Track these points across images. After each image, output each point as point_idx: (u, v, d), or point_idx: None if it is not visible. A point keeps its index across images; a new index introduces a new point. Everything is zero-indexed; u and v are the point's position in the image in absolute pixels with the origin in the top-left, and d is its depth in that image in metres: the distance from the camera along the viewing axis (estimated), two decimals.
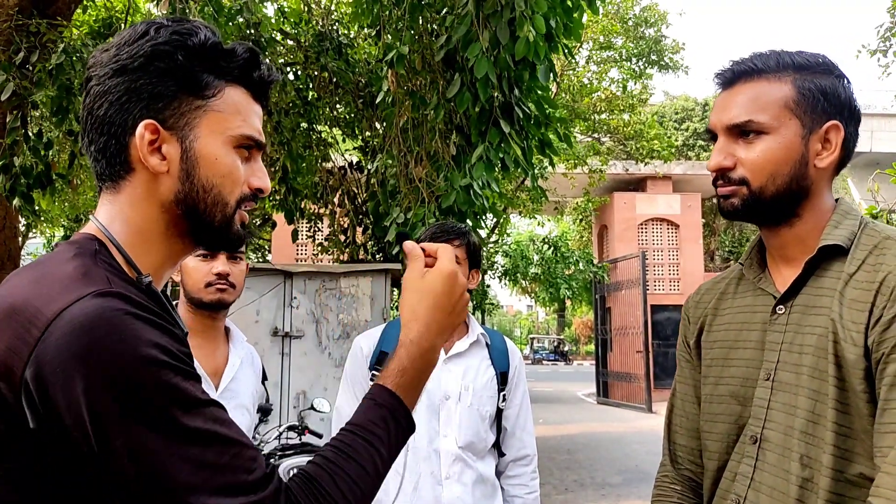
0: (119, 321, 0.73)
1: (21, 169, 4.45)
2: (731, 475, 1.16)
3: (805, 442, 1.04)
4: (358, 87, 6.69)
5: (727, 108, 1.14)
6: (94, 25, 6.34)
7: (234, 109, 0.89)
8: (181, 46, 0.86)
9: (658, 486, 1.34)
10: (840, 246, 1.09)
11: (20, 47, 4.52)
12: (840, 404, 1.01)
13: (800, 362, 1.08)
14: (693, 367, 1.31)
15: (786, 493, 1.05)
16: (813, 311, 1.09)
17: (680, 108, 25.84)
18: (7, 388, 0.72)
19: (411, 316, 0.97)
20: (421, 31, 4.57)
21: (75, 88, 4.41)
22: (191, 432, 0.73)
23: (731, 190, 1.13)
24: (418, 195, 4.55)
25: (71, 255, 0.81)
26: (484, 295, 17.79)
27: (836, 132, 1.11)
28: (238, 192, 0.90)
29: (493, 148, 4.12)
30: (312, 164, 7.05)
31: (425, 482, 1.93)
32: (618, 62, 15.94)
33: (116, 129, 0.86)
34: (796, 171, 1.10)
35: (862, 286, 1.04)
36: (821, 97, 1.10)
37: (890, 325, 0.97)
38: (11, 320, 0.74)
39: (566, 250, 18.87)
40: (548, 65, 4.03)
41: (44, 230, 16.56)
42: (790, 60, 1.12)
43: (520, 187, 12.47)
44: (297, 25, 6.96)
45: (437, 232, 2.06)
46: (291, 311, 6.15)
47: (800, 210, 1.13)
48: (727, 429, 1.18)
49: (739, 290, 1.25)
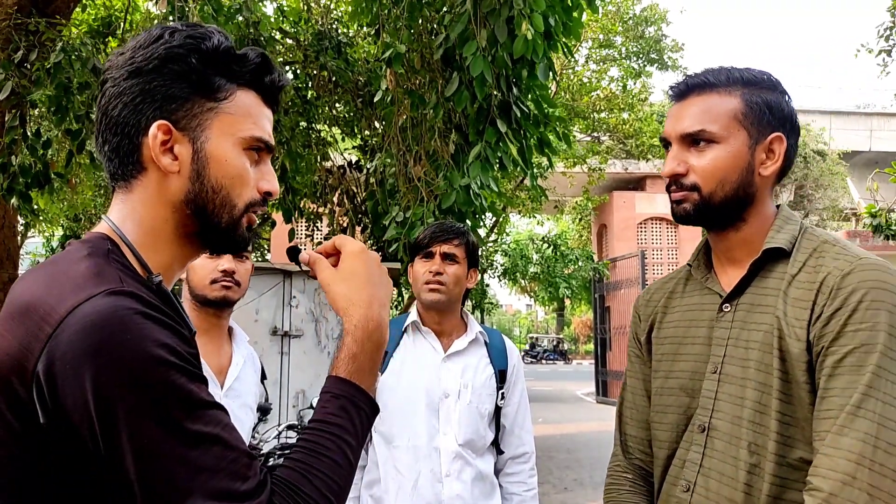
0: (129, 320, 0.74)
1: (19, 168, 4.45)
2: (680, 462, 1.24)
3: (753, 430, 1.13)
4: (357, 87, 6.68)
5: (681, 119, 1.23)
6: (94, 24, 6.33)
7: (244, 112, 0.91)
8: (195, 50, 0.88)
9: (610, 474, 1.41)
10: (782, 249, 1.19)
11: (19, 46, 4.52)
12: (783, 395, 1.11)
13: (746, 357, 1.17)
14: (643, 362, 1.40)
15: (734, 478, 1.13)
16: (758, 309, 1.18)
17: None
18: (20, 383, 0.74)
19: (346, 303, 0.94)
20: (420, 30, 4.57)
21: (74, 87, 4.40)
22: (193, 435, 0.74)
23: (684, 195, 1.22)
24: (417, 194, 4.55)
25: (84, 254, 0.83)
26: (483, 294, 17.79)
27: (779, 143, 1.21)
28: (247, 195, 0.92)
29: (491, 147, 4.11)
30: (311, 163, 7.05)
31: (425, 480, 1.93)
32: (617, 60, 15.93)
33: (130, 129, 0.88)
34: (743, 179, 1.20)
35: (804, 286, 1.14)
36: (766, 110, 1.20)
37: (829, 321, 1.07)
38: (26, 317, 0.76)
39: (566, 249, 18.88)
40: (547, 63, 4.02)
41: (42, 229, 16.55)
42: (739, 76, 1.22)
43: (519, 186, 12.46)
44: (297, 24, 6.95)
45: (437, 232, 2.06)
46: (291, 310, 6.15)
47: (745, 215, 1.22)
48: (676, 419, 1.26)
49: (687, 289, 1.35)
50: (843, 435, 1.01)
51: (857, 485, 0.98)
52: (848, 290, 1.08)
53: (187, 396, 0.75)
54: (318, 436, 0.85)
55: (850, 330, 1.06)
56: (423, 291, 2.03)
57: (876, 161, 24.66)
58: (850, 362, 1.04)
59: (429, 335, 2.08)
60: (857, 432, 1.00)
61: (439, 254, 2.03)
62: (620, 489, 1.37)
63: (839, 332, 1.06)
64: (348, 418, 0.88)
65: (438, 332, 2.09)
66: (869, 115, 29.62)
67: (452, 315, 2.11)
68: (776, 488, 1.09)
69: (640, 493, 1.35)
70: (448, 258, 2.04)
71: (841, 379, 1.04)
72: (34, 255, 19.79)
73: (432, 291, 2.02)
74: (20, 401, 0.74)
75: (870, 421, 1.00)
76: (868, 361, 1.03)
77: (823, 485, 1.00)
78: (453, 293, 2.05)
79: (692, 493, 1.19)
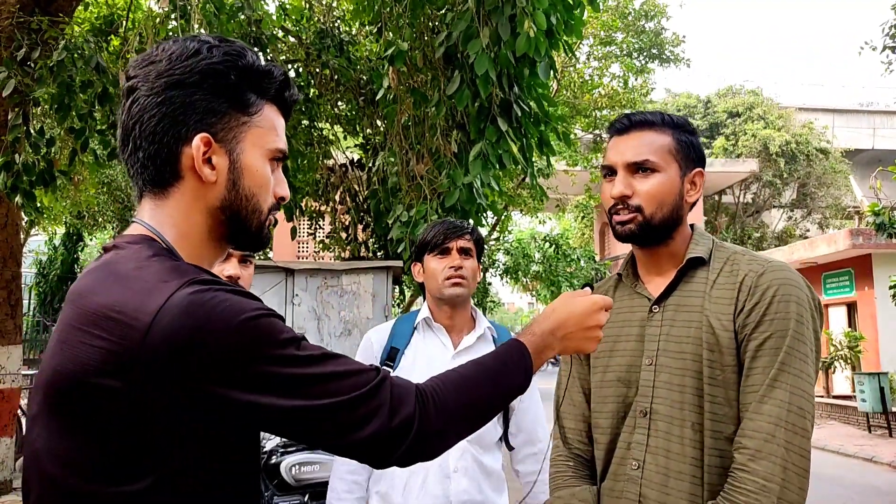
0: (219, 297, 0.84)
1: (23, 166, 4.45)
2: (625, 444, 1.42)
3: (693, 412, 1.33)
4: (359, 85, 6.68)
5: (627, 150, 1.42)
6: (96, 23, 6.34)
7: (270, 125, 1.00)
8: (233, 67, 0.96)
9: (554, 464, 1.58)
10: (702, 258, 1.42)
11: (22, 44, 4.53)
12: (712, 380, 1.32)
13: (681, 349, 1.37)
14: (579, 362, 1.58)
15: (681, 454, 1.33)
16: (684, 309, 1.39)
17: (682, 105, 25.78)
18: (113, 379, 0.81)
19: (545, 315, 1.15)
20: (422, 28, 4.57)
21: (76, 85, 4.41)
22: (310, 358, 0.88)
23: (630, 217, 1.41)
24: (420, 192, 4.55)
25: (150, 254, 0.90)
26: (485, 292, 17.79)
27: (700, 177, 1.46)
28: (270, 201, 1.01)
29: (492, 146, 4.11)
30: (313, 161, 7.05)
31: (433, 476, 1.93)
32: (619, 57, 15.90)
33: (169, 139, 0.93)
34: (676, 203, 1.42)
35: (725, 287, 1.37)
36: (691, 149, 1.44)
37: (750, 313, 1.31)
38: (106, 322, 0.82)
39: (567, 248, 18.86)
40: (548, 61, 4.02)
41: (46, 227, 16.58)
42: (669, 119, 1.45)
43: (520, 185, 12.45)
44: (299, 23, 6.95)
45: (451, 228, 2.09)
46: (293, 308, 6.16)
47: (673, 234, 1.45)
48: (616, 408, 1.45)
49: (617, 295, 1.55)
50: (764, 402, 1.25)
51: (776, 441, 1.22)
52: (763, 287, 1.32)
53: (289, 334, 0.88)
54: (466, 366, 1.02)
55: (767, 319, 1.29)
56: (446, 287, 2.04)
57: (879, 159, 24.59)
58: (769, 345, 1.28)
59: (440, 331, 2.09)
60: (775, 400, 1.25)
61: (456, 249, 2.06)
62: (564, 475, 1.54)
63: (759, 321, 1.30)
64: (502, 360, 1.03)
65: (449, 327, 2.10)
66: (872, 112, 29.50)
67: (464, 310, 2.12)
68: (716, 459, 1.30)
69: (583, 476, 1.53)
70: (464, 252, 2.07)
71: (762, 359, 1.28)
72: (37, 252, 19.82)
73: (455, 286, 2.03)
74: (113, 394, 0.81)
75: (783, 391, 1.25)
76: (782, 344, 1.27)
77: (749, 443, 1.24)
78: (472, 287, 2.09)
79: (643, 469, 1.37)
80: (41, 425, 0.87)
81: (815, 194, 23.56)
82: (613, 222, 1.45)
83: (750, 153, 22.71)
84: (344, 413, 0.87)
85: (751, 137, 22.97)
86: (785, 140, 22.52)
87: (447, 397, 0.96)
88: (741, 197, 23.74)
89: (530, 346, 1.08)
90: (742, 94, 25.49)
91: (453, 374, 1.01)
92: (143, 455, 0.83)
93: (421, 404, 0.93)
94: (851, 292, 14.72)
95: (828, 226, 23.70)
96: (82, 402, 0.82)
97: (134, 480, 0.82)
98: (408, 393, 0.93)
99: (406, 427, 0.91)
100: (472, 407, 0.99)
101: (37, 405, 0.88)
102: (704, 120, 25.05)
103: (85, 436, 0.83)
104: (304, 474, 3.82)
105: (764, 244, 22.44)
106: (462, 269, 2.04)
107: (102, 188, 13.73)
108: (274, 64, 1.02)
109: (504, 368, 1.03)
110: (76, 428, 0.83)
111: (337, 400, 0.87)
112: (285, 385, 0.85)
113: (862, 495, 7.39)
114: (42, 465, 0.86)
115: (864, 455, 9.70)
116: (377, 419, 0.89)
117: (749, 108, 24.34)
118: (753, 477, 1.22)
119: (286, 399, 0.85)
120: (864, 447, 10.25)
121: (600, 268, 17.88)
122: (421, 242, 2.13)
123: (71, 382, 0.83)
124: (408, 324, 2.13)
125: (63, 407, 0.84)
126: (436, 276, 2.06)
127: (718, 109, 24.93)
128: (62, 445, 0.84)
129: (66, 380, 0.83)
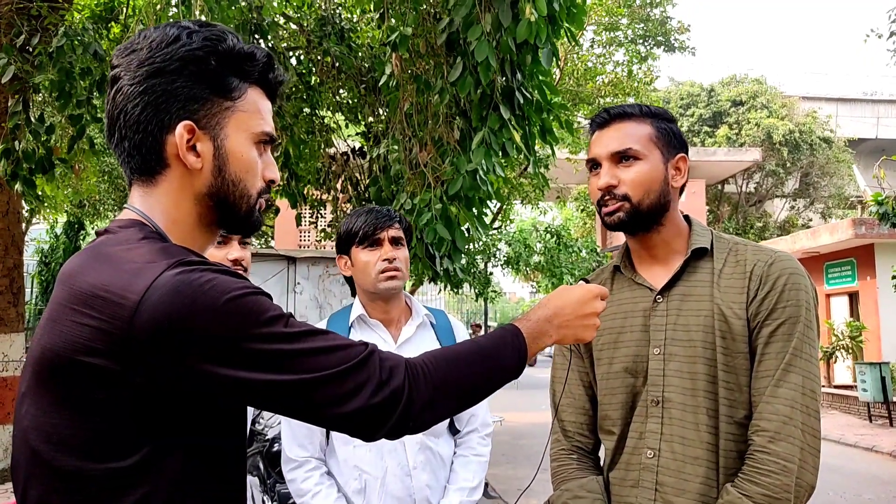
0: (205, 277, 0.84)
1: (23, 153, 4.43)
2: (636, 434, 1.43)
3: (708, 398, 1.36)
4: (361, 73, 6.64)
5: (609, 141, 1.46)
6: (96, 10, 6.30)
7: (254, 109, 0.99)
8: (213, 52, 0.95)
9: (556, 458, 1.58)
10: (705, 248, 1.46)
11: (21, 30, 4.49)
12: (726, 366, 1.36)
13: (690, 338, 1.39)
14: (577, 355, 1.60)
15: (697, 440, 1.36)
16: (691, 299, 1.42)
17: (685, 94, 25.65)
18: (101, 358, 0.82)
19: (541, 304, 1.15)
20: (424, 15, 4.53)
21: (76, 72, 4.38)
22: (296, 334, 0.88)
23: (618, 206, 1.44)
24: (423, 180, 4.53)
25: (140, 237, 0.90)
26: (487, 282, 17.78)
27: (683, 162, 1.49)
28: (258, 185, 1.01)
29: (494, 133, 4.08)
30: (315, 149, 7.02)
31: (393, 475, 1.86)
32: (623, 44, 15.79)
33: (153, 127, 0.93)
34: (662, 189, 1.45)
35: (734, 276, 1.41)
36: (672, 136, 1.48)
37: (763, 301, 1.36)
38: (95, 302, 0.83)
39: (569, 239, 18.83)
40: (550, 48, 3.98)
41: (47, 215, 16.57)
42: (648, 110, 1.50)
43: (522, 174, 12.41)
44: (300, 10, 6.90)
45: (379, 217, 1.96)
46: (295, 296, 6.16)
47: (663, 220, 1.47)
48: (625, 398, 1.46)
49: (616, 286, 1.56)
50: (780, 386, 1.30)
51: (793, 423, 1.28)
52: (775, 276, 1.37)
53: (276, 312, 0.88)
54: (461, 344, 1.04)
55: (780, 306, 1.35)
56: (381, 281, 1.92)
57: (882, 149, 24.49)
58: (781, 331, 1.33)
59: (377, 327, 1.98)
60: (790, 384, 1.30)
61: (388, 239, 1.94)
62: (569, 468, 1.55)
63: (772, 309, 1.35)
64: (497, 342, 1.05)
65: (386, 321, 1.99)
66: (876, 102, 29.37)
67: (399, 301, 2.01)
68: (731, 443, 1.34)
69: (588, 468, 1.54)
70: (396, 242, 1.95)
71: (775, 345, 1.33)
72: (38, 241, 19.83)
73: (391, 279, 1.92)
74: (101, 372, 0.82)
75: (798, 374, 1.30)
76: (794, 330, 1.33)
77: (768, 425, 1.29)
78: (405, 276, 1.97)
79: (658, 457, 1.39)
80: (30, 403, 0.88)
81: (818, 184, 23.49)
82: (603, 213, 1.48)
83: (753, 142, 22.62)
84: (333, 386, 0.88)
85: (754, 126, 22.86)
86: (788, 129, 22.42)
87: (438, 372, 0.96)
88: (744, 186, 23.67)
89: (526, 331, 1.08)
90: (746, 83, 25.34)
91: (446, 350, 1.01)
92: (131, 432, 0.84)
93: (411, 378, 0.93)
94: (854, 282, 14.69)
95: (830, 215, 23.65)
96: (71, 380, 0.84)
97: (122, 457, 0.84)
98: (397, 366, 0.93)
99: (395, 399, 0.91)
100: (462, 384, 0.99)
101: (26, 383, 0.89)
102: (708, 109, 24.92)
103: (73, 413, 0.84)
104: None
105: (766, 234, 22.39)
106: (396, 260, 1.92)
107: (103, 177, 13.71)
108: (256, 46, 1.01)
109: (498, 350, 1.04)
110: (65, 405, 0.84)
111: (325, 373, 0.88)
112: (273, 361, 0.85)
113: (862, 485, 7.41)
114: (30, 442, 0.86)
115: (865, 445, 9.72)
116: (365, 391, 0.89)
117: (752, 96, 24.21)
118: (774, 458, 1.27)
119: (274, 374, 0.85)
120: (865, 437, 10.27)
121: (602, 259, 17.86)
122: (346, 233, 1.98)
123: (60, 360, 0.84)
124: (342, 322, 2.01)
125: (52, 385, 0.85)
126: (367, 269, 1.93)
127: (722, 98, 24.80)
128: (51, 423, 0.85)
129: (56, 357, 0.84)
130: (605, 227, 1.51)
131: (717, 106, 24.82)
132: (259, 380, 0.85)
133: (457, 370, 0.98)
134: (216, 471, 0.92)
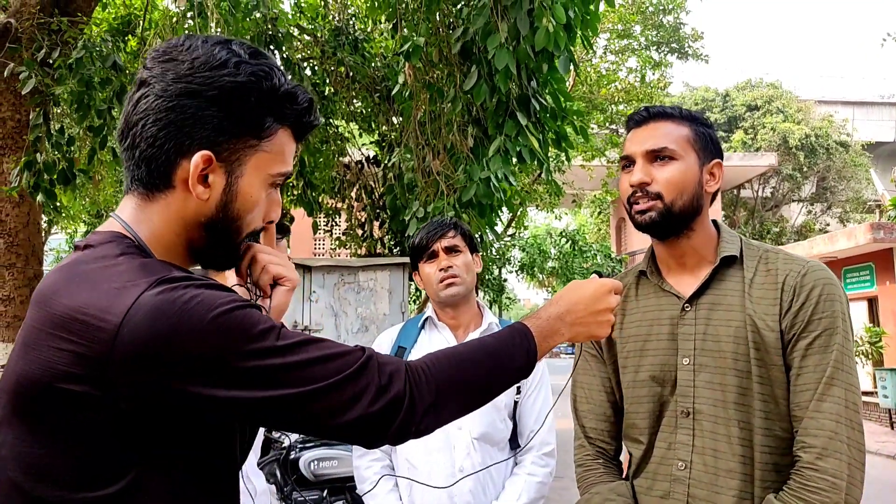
0: (190, 294, 0.80)
1: (44, 165, 4.50)
2: (665, 444, 1.40)
3: (740, 410, 1.33)
4: (374, 82, 6.68)
5: (646, 139, 1.43)
6: (114, 23, 6.39)
7: (279, 150, 0.95)
8: (257, 89, 0.90)
9: (582, 463, 1.57)
10: (734, 256, 1.42)
11: (42, 45, 4.57)
12: (761, 378, 1.33)
13: (720, 349, 1.36)
14: (599, 361, 1.57)
15: (729, 452, 1.33)
16: (721, 308, 1.39)
17: (700, 99, 25.53)
18: (81, 384, 0.78)
19: (552, 301, 1.11)
20: (437, 24, 4.55)
21: (95, 83, 4.45)
22: (290, 347, 0.84)
23: (650, 205, 1.40)
24: (437, 188, 4.55)
25: (118, 253, 0.86)
26: (501, 289, 17.76)
27: (718, 168, 1.46)
28: (255, 224, 0.97)
29: (511, 140, 4.10)
30: (329, 158, 7.07)
31: (439, 475, 1.92)
32: (636, 51, 15.76)
33: (170, 147, 0.88)
34: (695, 191, 1.41)
35: (765, 287, 1.37)
36: (709, 140, 1.45)
37: (798, 313, 1.32)
38: (73, 325, 0.79)
39: (583, 244, 18.77)
40: (567, 56, 3.99)
41: (66, 226, 16.77)
42: (687, 112, 1.48)
43: (536, 181, 12.40)
44: (314, 20, 6.96)
45: (431, 230, 2.09)
46: (311, 304, 6.19)
47: (694, 225, 1.43)
48: (651, 407, 1.43)
49: (641, 293, 1.52)
50: (823, 401, 1.27)
51: (839, 438, 1.25)
52: (809, 287, 1.34)
53: (266, 325, 0.84)
54: (465, 344, 1.01)
55: (815, 318, 1.31)
56: (441, 290, 2.04)
57: None
58: (818, 343, 1.30)
59: (444, 329, 2.09)
60: (834, 397, 1.27)
61: (441, 249, 2.05)
62: (596, 472, 1.53)
63: (808, 321, 1.31)
64: (502, 341, 1.01)
65: (454, 326, 2.10)
66: (893, 105, 29.05)
67: (468, 307, 2.11)
68: (766, 455, 1.32)
69: (614, 472, 1.53)
70: (451, 251, 2.06)
71: (813, 357, 1.30)
72: (58, 251, 20.07)
73: (449, 286, 2.03)
74: (82, 399, 0.78)
75: (840, 388, 1.27)
76: (833, 342, 1.30)
77: (815, 441, 1.25)
78: (467, 281, 2.07)
79: (690, 469, 1.36)
80: (6, 432, 0.84)
81: (835, 188, 23.24)
82: (633, 212, 1.43)
83: (769, 147, 22.45)
84: (331, 397, 0.85)
85: (770, 131, 22.70)
86: (804, 133, 22.23)
87: (441, 373, 0.93)
88: (760, 191, 23.48)
89: (535, 329, 1.04)
90: (761, 87, 25.18)
91: (449, 350, 0.98)
92: (115, 458, 0.81)
93: (412, 381, 0.90)
94: (872, 287, 14.51)
95: (848, 220, 23.38)
96: (50, 408, 0.80)
97: (106, 485, 0.80)
98: (397, 370, 0.90)
99: (396, 405, 0.88)
100: (467, 385, 0.96)
101: (2, 412, 0.85)
102: (723, 113, 24.78)
103: (54, 442, 0.80)
104: (322, 469, 3.84)
105: (783, 239, 22.18)
106: (452, 267, 2.03)
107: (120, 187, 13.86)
108: (300, 86, 0.96)
109: (504, 348, 1.00)
110: (44, 434, 0.81)
111: (322, 384, 0.84)
112: (267, 376, 0.82)
113: (885, 493, 7.30)
114: (9, 472, 0.83)
115: (887, 452, 9.57)
116: (365, 399, 0.87)
117: (768, 101, 24.05)
118: (822, 475, 1.24)
119: (270, 390, 0.82)
120: (887, 444, 10.12)
121: (616, 264, 17.78)
122: (411, 250, 2.13)
123: (38, 388, 0.80)
124: (415, 324, 2.15)
125: (30, 413, 0.81)
126: (430, 281, 2.07)
127: (737, 103, 24.66)
128: (30, 452, 0.81)
129: (33, 385, 0.80)
130: (618, 230, 1.49)
131: (732, 111, 24.67)
132: (254, 398, 0.81)
133: (461, 371, 0.95)
134: (207, 486, 0.89)
